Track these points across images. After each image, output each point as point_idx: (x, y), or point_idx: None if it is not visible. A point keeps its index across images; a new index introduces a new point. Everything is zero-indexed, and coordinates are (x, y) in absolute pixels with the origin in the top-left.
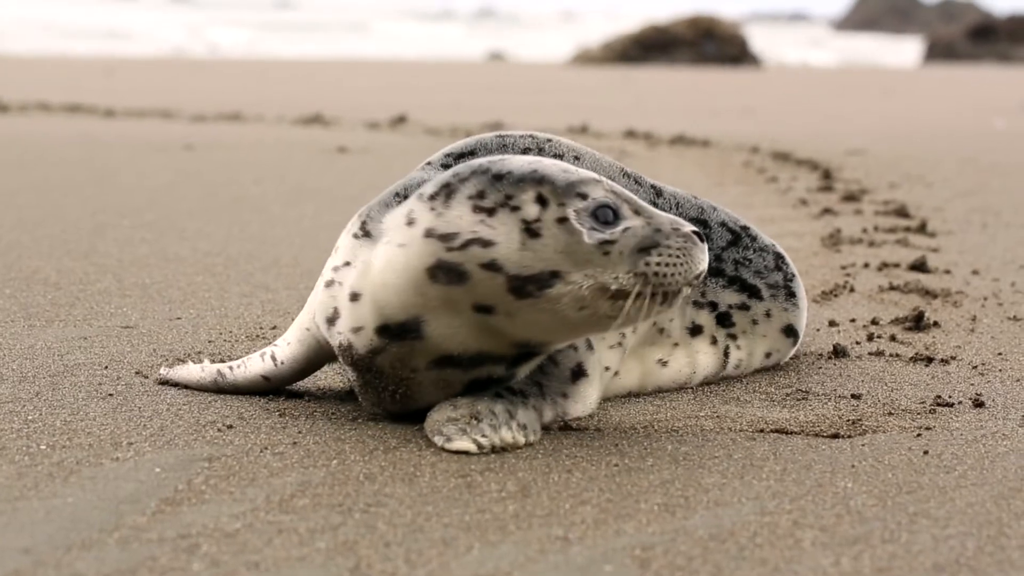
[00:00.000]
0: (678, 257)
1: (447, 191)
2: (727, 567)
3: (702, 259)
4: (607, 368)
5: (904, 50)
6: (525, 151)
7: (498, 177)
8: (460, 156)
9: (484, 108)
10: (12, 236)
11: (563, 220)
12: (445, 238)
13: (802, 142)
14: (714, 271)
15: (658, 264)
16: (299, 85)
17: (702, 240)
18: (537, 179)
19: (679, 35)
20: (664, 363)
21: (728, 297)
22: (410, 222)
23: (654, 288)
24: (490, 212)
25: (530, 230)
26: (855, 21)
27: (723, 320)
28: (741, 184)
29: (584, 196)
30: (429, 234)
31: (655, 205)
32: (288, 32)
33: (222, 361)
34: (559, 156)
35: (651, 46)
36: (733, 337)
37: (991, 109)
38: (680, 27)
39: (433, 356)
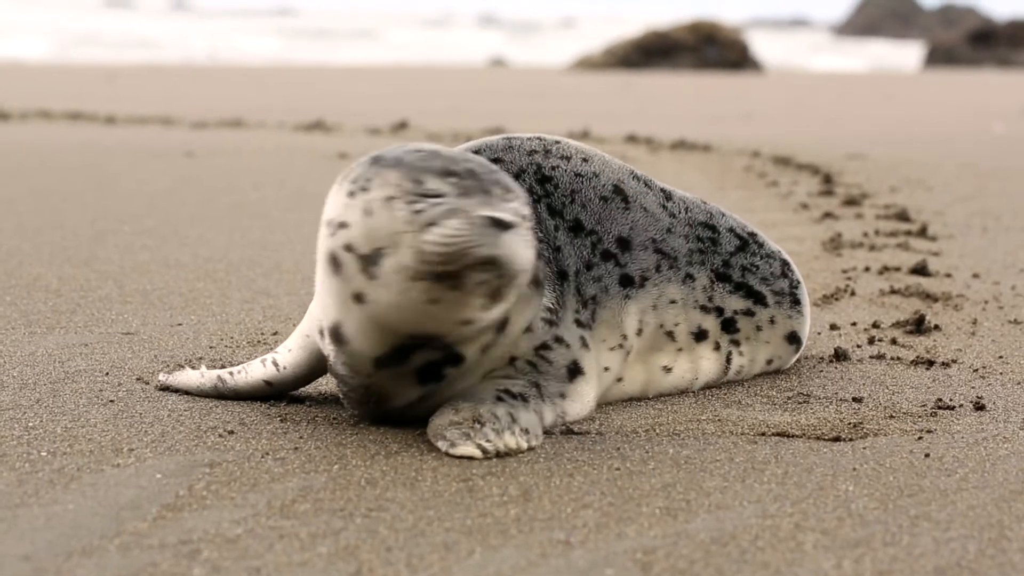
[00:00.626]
0: (458, 234)
1: (340, 179)
2: (729, 570)
3: (493, 244)
4: (607, 369)
5: (905, 55)
6: (531, 153)
7: (373, 162)
8: None
9: (485, 113)
10: (12, 243)
11: (390, 198)
12: (328, 224)
13: (803, 147)
14: (721, 276)
15: (440, 236)
16: (300, 91)
17: (504, 228)
18: (391, 163)
19: (680, 40)
20: (668, 369)
21: (734, 303)
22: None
23: (441, 264)
24: (352, 195)
25: (367, 209)
26: (856, 26)
27: (728, 326)
28: (742, 188)
29: (419, 182)
30: (324, 223)
31: (664, 209)
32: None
33: (223, 367)
34: (567, 158)
35: (652, 51)
36: (736, 343)
37: (991, 114)
38: (681, 32)
39: (368, 357)
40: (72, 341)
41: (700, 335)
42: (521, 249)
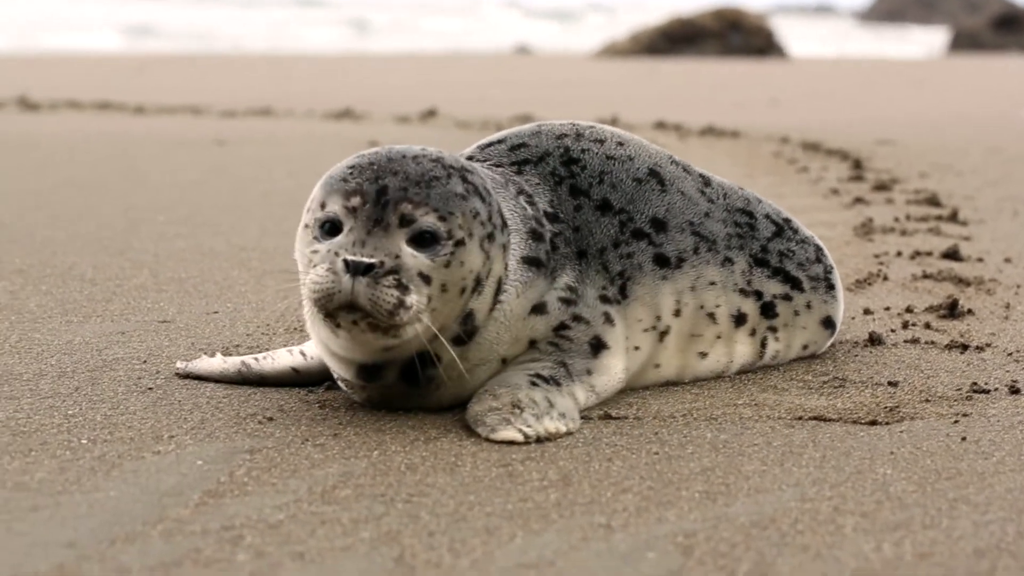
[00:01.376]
0: (320, 280)
1: None
2: (769, 553)
3: (347, 290)
4: (637, 348)
5: (929, 41)
6: (561, 136)
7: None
8: (488, 145)
9: (513, 101)
10: (47, 233)
11: (305, 226)
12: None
13: (831, 132)
14: (760, 261)
15: (311, 281)
16: (328, 79)
17: (355, 273)
18: (321, 183)
19: (705, 27)
20: (704, 355)
21: (772, 287)
22: None
23: (318, 306)
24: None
25: (301, 229)
26: (880, 12)
27: (767, 310)
28: (772, 174)
29: (323, 206)
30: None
31: (702, 194)
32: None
33: (252, 355)
34: (600, 141)
35: (677, 38)
36: (773, 329)
37: (1016, 99)
38: (706, 19)
39: (349, 373)
40: (109, 329)
41: (740, 319)
42: (379, 292)
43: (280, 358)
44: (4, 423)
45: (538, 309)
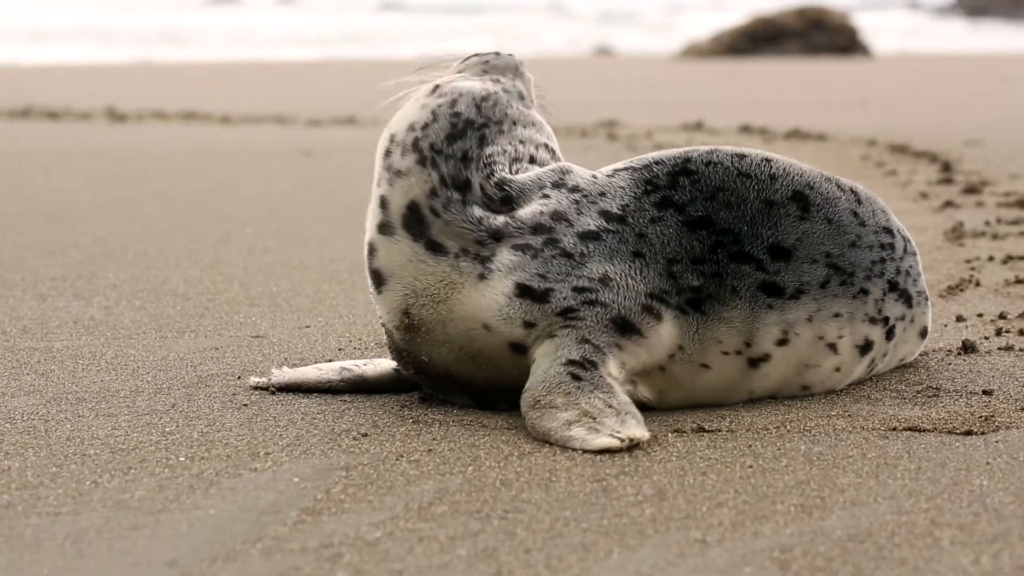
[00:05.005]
0: None
1: None
2: (867, 567)
3: None
4: (705, 366)
5: (1017, 36)
6: (689, 153)
7: None
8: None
9: (597, 104)
10: (139, 247)
11: None
12: None
13: (919, 133)
14: (893, 286)
15: None
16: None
17: None
18: None
19: (787, 26)
20: (806, 388)
21: (897, 310)
22: None
23: None
24: None
25: None
26: (965, 6)
27: (890, 334)
28: (860, 178)
29: None
30: None
31: (854, 216)
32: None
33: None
34: (740, 156)
35: (759, 38)
36: (884, 354)
37: None
38: (788, 18)
39: None
40: (203, 345)
41: (865, 348)
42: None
43: (382, 362)
44: (103, 440)
45: (537, 295)
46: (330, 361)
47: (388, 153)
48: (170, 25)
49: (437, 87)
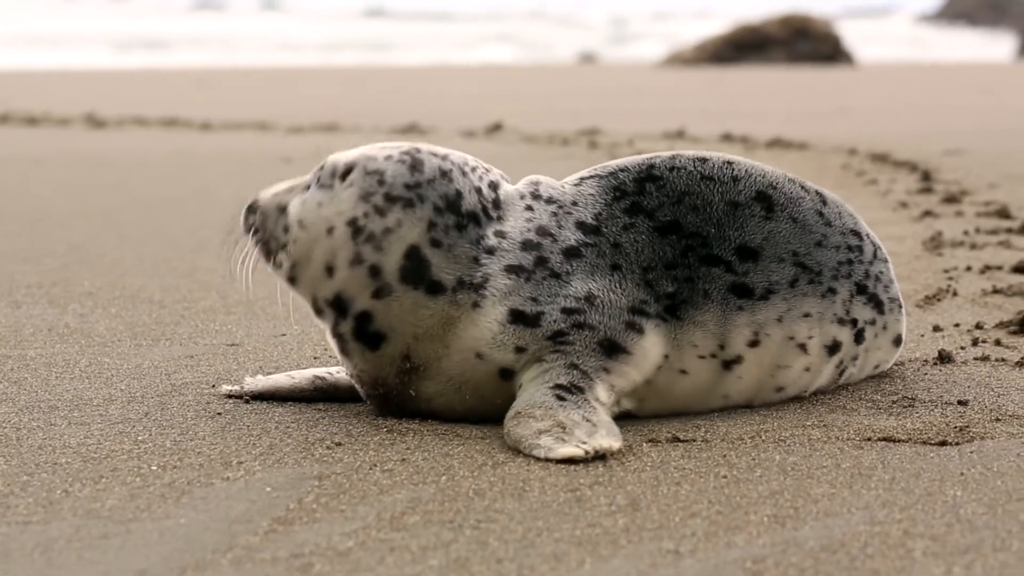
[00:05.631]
0: None
1: None
2: None
3: None
4: (684, 372)
5: (998, 45)
6: (652, 159)
7: None
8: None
9: (579, 112)
10: (116, 254)
11: None
12: None
13: (900, 143)
14: (861, 288)
15: None
16: (392, 94)
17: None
18: None
19: (772, 35)
20: (782, 388)
21: (866, 313)
22: None
23: None
24: None
25: None
26: (948, 14)
27: (858, 337)
28: (840, 188)
29: None
30: None
31: (819, 217)
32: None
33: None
34: (702, 160)
35: (744, 46)
36: (855, 358)
37: None
38: (772, 26)
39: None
40: (177, 353)
41: (833, 348)
42: None
43: None
44: (75, 449)
45: (525, 320)
46: (303, 370)
47: (359, 231)
48: (152, 31)
49: (350, 164)
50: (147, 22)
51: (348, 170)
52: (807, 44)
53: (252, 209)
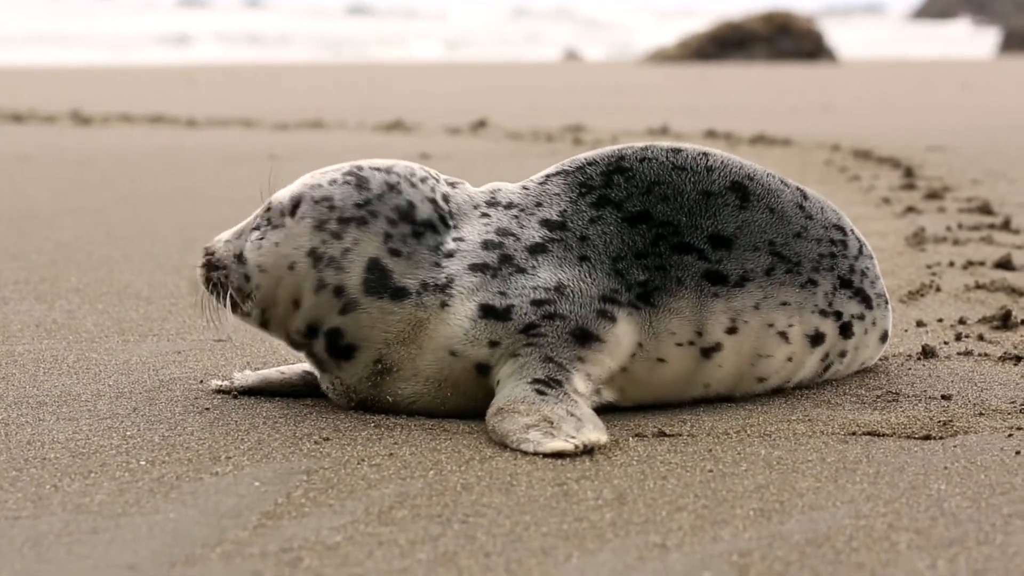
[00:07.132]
0: None
1: None
2: (824, 572)
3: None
4: (661, 360)
5: (981, 41)
6: (623, 150)
7: None
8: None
9: (563, 109)
10: (103, 251)
11: None
12: None
13: (883, 139)
14: (845, 283)
15: None
16: (377, 91)
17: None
18: None
19: (754, 31)
20: (763, 379)
21: (852, 307)
22: None
23: None
24: None
25: None
26: (931, 11)
27: (845, 330)
28: (824, 184)
29: None
30: None
31: (800, 210)
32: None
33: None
34: (675, 151)
35: (727, 43)
36: (843, 354)
37: None
38: (755, 23)
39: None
40: (165, 349)
41: (816, 339)
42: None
43: None
44: (64, 444)
45: (498, 314)
46: (292, 364)
47: (319, 258)
48: (137, 28)
49: (296, 198)
50: (132, 19)
51: (295, 204)
52: (789, 41)
53: (210, 265)
